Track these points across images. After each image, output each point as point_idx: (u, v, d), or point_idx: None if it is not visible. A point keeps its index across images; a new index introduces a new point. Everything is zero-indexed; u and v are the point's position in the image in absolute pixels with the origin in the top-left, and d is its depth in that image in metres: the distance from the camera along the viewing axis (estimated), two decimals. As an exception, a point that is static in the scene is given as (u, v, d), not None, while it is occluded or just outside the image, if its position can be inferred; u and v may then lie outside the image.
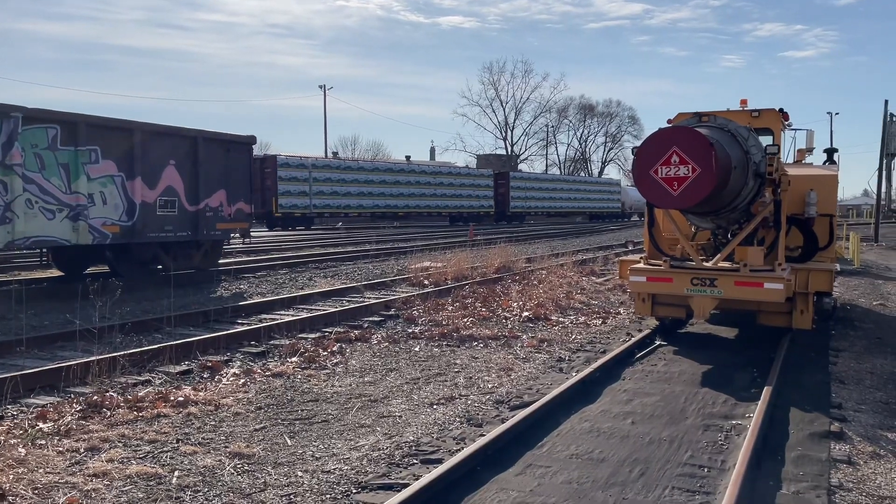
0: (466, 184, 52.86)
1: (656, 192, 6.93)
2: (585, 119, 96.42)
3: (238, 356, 8.32)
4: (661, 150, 6.79)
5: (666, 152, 6.74)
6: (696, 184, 6.63)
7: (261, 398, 6.66)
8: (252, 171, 16.07)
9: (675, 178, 6.72)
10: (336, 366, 8.02)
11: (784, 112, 10.94)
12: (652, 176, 6.87)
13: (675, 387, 7.01)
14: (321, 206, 41.05)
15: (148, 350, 7.80)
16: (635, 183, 7.07)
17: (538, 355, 8.59)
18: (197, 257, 15.14)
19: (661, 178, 6.81)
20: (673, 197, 6.86)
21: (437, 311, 11.52)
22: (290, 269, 17.79)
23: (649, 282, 8.44)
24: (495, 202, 54.59)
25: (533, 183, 59.27)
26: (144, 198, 13.36)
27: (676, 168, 6.69)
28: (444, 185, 50.69)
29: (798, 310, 8.58)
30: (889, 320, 11.39)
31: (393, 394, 6.87)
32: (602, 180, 76.09)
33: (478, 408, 6.33)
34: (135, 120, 13.36)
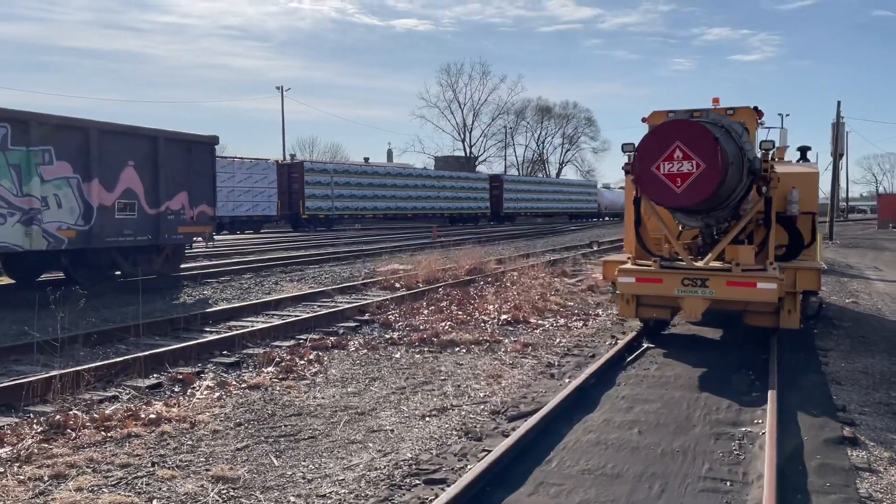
0: (466, 187, 56.20)
1: (659, 189, 6.68)
2: (543, 121, 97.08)
3: (210, 367, 7.83)
4: (663, 146, 6.54)
5: (668, 147, 6.50)
6: (701, 180, 6.40)
7: (239, 413, 6.21)
8: (215, 171, 15.45)
9: (679, 174, 6.48)
10: (315, 375, 7.59)
11: (758, 110, 10.86)
12: (654, 172, 6.62)
13: (673, 392, 6.77)
14: (342, 208, 44.33)
15: (114, 363, 7.25)
16: (636, 180, 6.80)
17: (525, 360, 8.29)
18: (158, 262, 14.48)
19: (664, 174, 6.57)
20: (676, 194, 6.62)
21: (412, 315, 11.15)
22: (255, 273, 17.21)
23: (639, 283, 8.21)
24: (490, 204, 57.98)
25: (523, 185, 63.27)
26: (102, 201, 12.69)
27: (680, 164, 6.46)
28: (447, 188, 54.22)
29: (786, 309, 8.43)
30: (866, 318, 11.40)
31: (380, 405, 6.49)
32: (581, 182, 78.36)
33: (474, 419, 5.99)
34: (91, 119, 12.68)
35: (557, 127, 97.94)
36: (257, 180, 39.61)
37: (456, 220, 54.94)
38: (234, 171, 38.32)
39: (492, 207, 58.10)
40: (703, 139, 6.41)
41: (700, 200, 6.62)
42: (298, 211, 41.64)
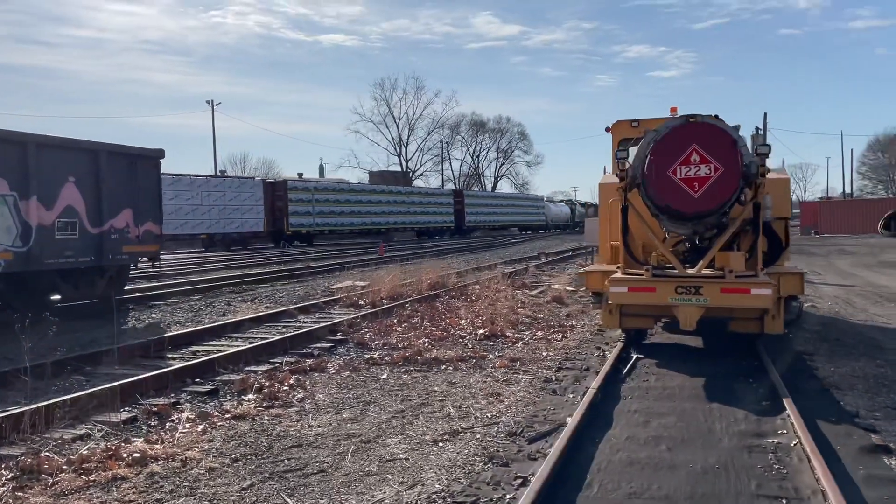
0: (433, 202, 58.85)
1: (675, 194, 6.49)
2: (477, 135, 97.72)
3: (185, 397, 7.21)
4: (679, 149, 6.37)
5: (685, 151, 6.32)
6: (720, 184, 6.25)
7: (232, 447, 5.67)
8: (160, 187, 14.60)
9: (696, 178, 6.31)
10: (303, 402, 7.08)
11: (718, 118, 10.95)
12: (670, 177, 6.42)
13: (682, 404, 6.58)
14: (322, 224, 45.91)
15: (77, 397, 6.55)
16: (651, 185, 6.57)
17: (518, 377, 7.98)
18: (101, 285, 13.53)
19: (681, 178, 6.38)
20: (694, 199, 6.44)
21: (386, 333, 10.71)
22: (204, 294, 16.37)
23: (631, 292, 8.03)
24: (455, 218, 60.72)
25: (482, 200, 67.08)
26: (41, 220, 11.75)
27: (697, 167, 6.29)
28: (416, 203, 56.63)
29: (770, 315, 8.40)
30: (830, 321, 11.58)
31: (384, 431, 6.05)
32: (531, 196, 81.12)
33: (491, 442, 5.62)
34: (28, 132, 11.76)
35: (492, 141, 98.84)
36: (245, 198, 40.85)
37: (423, 234, 56.99)
38: (224, 190, 39.63)
39: (456, 221, 60.74)
40: (720, 142, 6.27)
41: (718, 205, 6.48)
42: (282, 227, 42.93)
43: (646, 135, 8.01)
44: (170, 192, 35.02)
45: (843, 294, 15.42)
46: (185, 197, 37.18)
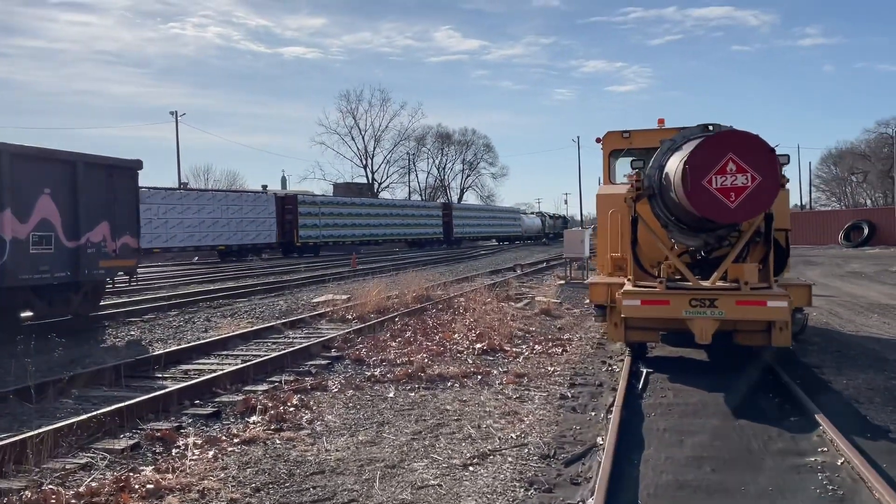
0: (424, 214, 61.92)
1: (710, 204, 6.34)
2: (443, 147, 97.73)
3: (187, 420, 6.81)
4: (715, 158, 6.22)
5: (721, 160, 6.17)
6: (758, 194, 6.11)
7: (249, 475, 5.32)
8: (138, 199, 14.09)
9: (732, 188, 6.17)
10: (312, 423, 6.74)
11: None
12: (705, 187, 6.26)
13: (710, 421, 6.42)
14: (327, 236, 48.71)
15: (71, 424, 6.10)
16: (686, 196, 6.40)
17: (531, 393, 7.76)
18: (76, 301, 12.95)
19: (716, 188, 6.24)
20: (730, 209, 6.30)
21: (382, 349, 10.39)
22: (181, 309, 15.82)
23: (644, 305, 7.88)
24: (443, 229, 63.47)
25: (467, 213, 70.05)
26: (15, 233, 11.18)
27: (733, 177, 6.15)
28: (410, 216, 59.51)
29: (777, 327, 8.32)
30: (825, 332, 11.61)
31: (407, 455, 5.76)
32: (508, 209, 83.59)
33: (526, 466, 5.37)
34: (2, 141, 11.20)
35: (458, 153, 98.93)
36: (260, 212, 43.49)
37: (415, 244, 59.52)
38: (241, 204, 42.35)
39: (444, 232, 63.51)
40: (758, 150, 6.16)
41: (754, 216, 6.36)
42: (293, 239, 45.39)
43: (662, 143, 7.91)
44: (194, 205, 39.17)
45: (826, 305, 15.55)
46: (207, 210, 39.81)
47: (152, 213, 36.37)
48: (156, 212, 37.15)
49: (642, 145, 11.53)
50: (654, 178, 7.89)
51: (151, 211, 36.16)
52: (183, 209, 38.82)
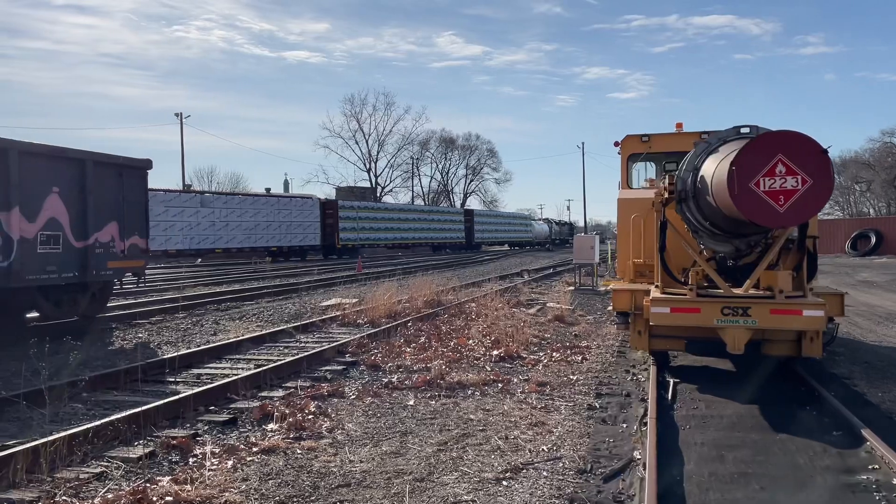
0: (448, 220, 66.25)
1: (758, 208, 6.08)
2: (447, 152, 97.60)
3: (202, 427, 6.56)
4: (763, 159, 5.96)
5: (769, 161, 5.92)
6: (808, 197, 5.86)
7: (272, 488, 5.07)
8: (147, 199, 13.86)
9: (782, 191, 5.92)
10: (333, 432, 6.49)
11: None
12: (753, 189, 6.01)
13: (750, 435, 6.16)
14: (364, 239, 52.21)
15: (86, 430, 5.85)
16: (732, 199, 6.13)
17: (556, 403, 7.50)
18: (83, 303, 12.71)
19: (765, 191, 5.98)
20: (779, 213, 6.04)
21: (398, 354, 10.15)
22: (188, 312, 15.58)
23: (673, 313, 7.62)
24: (465, 234, 67.43)
25: (486, 219, 73.71)
26: (23, 233, 10.94)
27: (783, 179, 5.90)
28: (435, 221, 63.61)
29: (808, 337, 8.06)
30: (847, 342, 11.36)
31: (435, 468, 5.50)
32: (521, 216, 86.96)
33: (563, 482, 5.11)
34: (10, 138, 10.98)
35: (461, 158, 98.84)
36: (306, 216, 46.86)
37: (439, 248, 62.95)
38: (290, 209, 45.66)
39: (466, 237, 67.38)
40: (809, 151, 5.91)
41: (805, 220, 6.11)
42: (334, 242, 48.76)
43: (696, 146, 7.67)
44: (251, 209, 42.58)
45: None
46: (262, 214, 43.25)
47: (214, 216, 40.19)
48: (218, 215, 40.47)
49: (661, 149, 11.30)
50: (687, 181, 7.65)
51: (214, 214, 40.17)
52: (241, 213, 42.02)
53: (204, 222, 39.83)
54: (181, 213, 38.51)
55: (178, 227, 38.31)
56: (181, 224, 38.47)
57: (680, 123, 11.43)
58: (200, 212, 39.72)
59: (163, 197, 37.81)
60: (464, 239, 66.90)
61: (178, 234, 38.36)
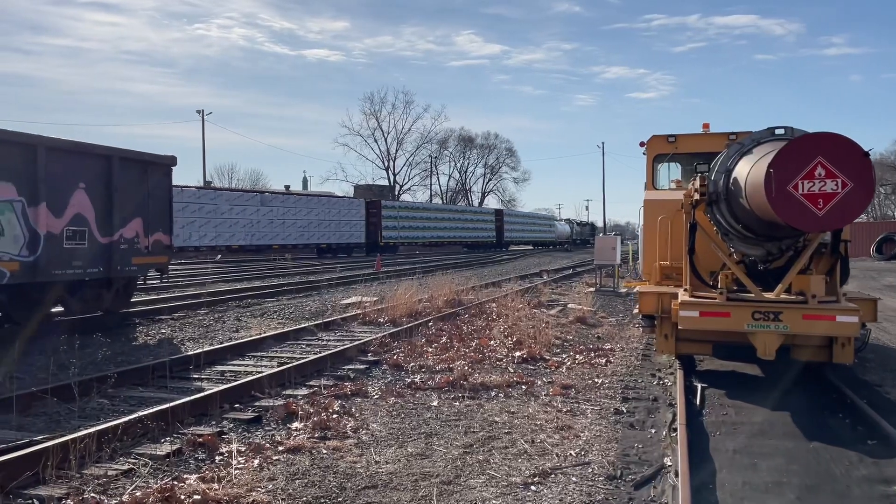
0: (480, 220, 69.14)
1: (796, 211, 5.96)
2: (465, 151, 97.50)
3: (227, 425, 6.55)
4: (802, 162, 5.85)
5: (808, 164, 5.81)
6: (849, 201, 5.74)
7: (299, 488, 5.04)
8: (171, 195, 13.93)
9: (821, 194, 5.80)
10: (357, 432, 6.46)
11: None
12: (791, 192, 5.89)
13: (782, 443, 6.05)
14: (404, 237, 55.62)
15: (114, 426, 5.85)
16: (769, 201, 6.02)
17: (582, 407, 7.42)
18: (108, 298, 12.79)
19: (803, 194, 5.87)
20: (818, 217, 5.92)
21: (420, 354, 10.11)
22: (210, 308, 15.66)
23: (703, 317, 7.51)
24: (496, 234, 70.05)
25: (514, 219, 76.12)
26: (49, 228, 11.02)
27: (822, 182, 5.78)
28: (468, 220, 66.61)
29: (839, 343, 7.90)
30: (876, 347, 11.16)
31: (462, 471, 5.45)
32: (546, 216, 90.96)
33: (592, 488, 5.04)
34: (39, 134, 11.06)
35: (480, 157, 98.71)
36: (353, 215, 50.53)
37: (471, 247, 65.30)
38: (339, 208, 49.48)
39: (496, 236, 70.03)
40: (850, 154, 5.78)
41: (844, 224, 5.99)
42: (377, 239, 51.74)
43: (729, 147, 7.55)
44: (304, 208, 45.75)
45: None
46: (314, 213, 46.46)
47: (273, 214, 43.06)
48: (276, 213, 43.31)
49: (688, 150, 11.16)
50: (719, 183, 7.53)
51: (273, 212, 43.08)
52: (296, 211, 44.95)
53: (263, 220, 42.54)
54: (244, 211, 41.17)
55: (241, 224, 40.91)
56: (244, 221, 41.09)
57: (707, 124, 11.28)
58: (260, 210, 42.47)
59: (228, 196, 41.41)
60: (494, 238, 69.26)
61: (241, 230, 40.94)
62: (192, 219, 37.50)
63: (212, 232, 39.10)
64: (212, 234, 39.14)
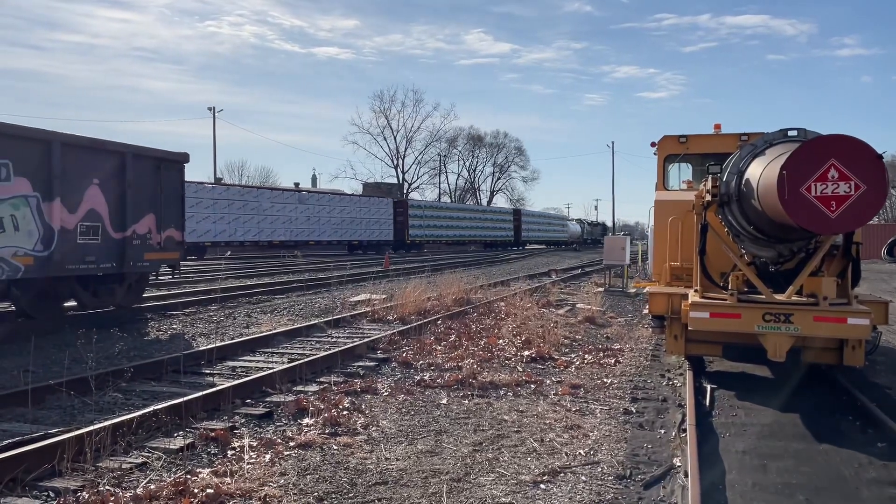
0: (499, 219, 71.09)
1: (808, 214, 5.96)
2: (474, 149, 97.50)
3: (239, 420, 6.62)
4: (815, 164, 5.85)
5: (822, 166, 5.81)
6: (861, 204, 5.74)
7: (310, 483, 5.09)
8: (184, 191, 14.02)
9: (834, 196, 5.80)
10: (367, 428, 6.51)
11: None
12: (803, 195, 5.90)
13: (792, 444, 6.05)
14: (428, 235, 58.27)
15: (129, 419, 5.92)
16: (782, 203, 6.02)
17: (591, 406, 7.44)
18: (120, 293, 12.91)
19: (816, 196, 5.87)
20: (830, 220, 5.93)
21: (429, 352, 10.15)
22: (220, 304, 15.75)
23: (713, 318, 7.51)
24: (513, 233, 72.18)
25: (531, 218, 78.46)
26: (64, 223, 11.14)
27: (835, 185, 5.78)
28: (488, 220, 68.84)
29: (850, 346, 7.88)
30: (887, 350, 11.13)
31: (471, 468, 5.48)
32: (559, 216, 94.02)
33: (602, 487, 5.07)
34: (54, 130, 11.18)
35: (489, 156, 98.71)
36: (382, 214, 53.43)
37: (490, 246, 67.41)
38: (370, 207, 52.43)
39: (514, 236, 72.20)
40: (863, 156, 5.78)
41: (857, 227, 6.00)
42: (403, 237, 54.71)
43: (741, 148, 7.55)
44: (338, 207, 48.64)
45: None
46: (346, 211, 49.38)
47: (310, 212, 45.72)
48: (312, 211, 46.01)
49: (699, 151, 11.15)
50: (731, 184, 7.53)
51: (310, 210, 45.73)
52: (330, 209, 47.73)
53: (301, 217, 45.08)
54: (283, 209, 43.65)
55: (280, 221, 43.29)
56: (283, 218, 43.55)
57: (718, 124, 11.26)
58: (298, 208, 45.06)
59: (269, 194, 44.12)
60: (512, 237, 71.54)
61: (281, 227, 43.34)
62: (237, 215, 39.82)
63: (255, 228, 41.26)
64: (255, 230, 41.27)
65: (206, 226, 37.43)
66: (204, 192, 37.96)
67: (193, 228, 34.51)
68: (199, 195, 36.77)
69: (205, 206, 37.24)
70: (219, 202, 38.46)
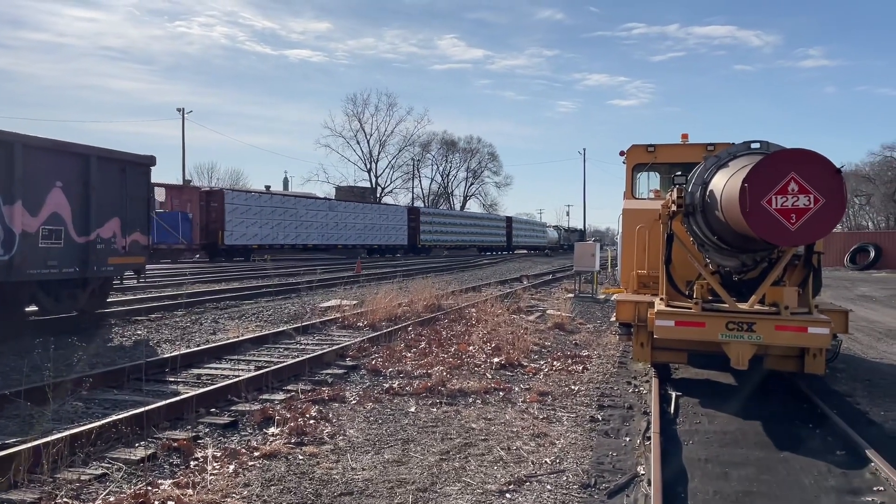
0: (493, 226, 75.60)
1: (769, 226, 6.06)
2: (448, 154, 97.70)
3: (203, 430, 6.53)
4: (776, 177, 5.95)
5: (782, 179, 5.91)
6: (820, 217, 5.85)
7: (274, 494, 5.03)
8: (150, 195, 13.82)
9: (794, 209, 5.91)
10: (334, 438, 6.47)
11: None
12: (764, 207, 5.99)
13: (753, 452, 6.14)
14: (436, 240, 63.10)
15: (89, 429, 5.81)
16: (743, 215, 6.11)
17: (558, 414, 7.47)
18: (83, 298, 12.66)
19: (776, 209, 5.97)
20: (790, 232, 6.03)
21: (398, 359, 10.11)
22: (187, 310, 15.53)
23: (678, 326, 7.59)
24: (506, 238, 76.91)
25: (520, 224, 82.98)
26: (25, 226, 10.90)
27: (795, 198, 5.88)
28: (486, 227, 73.58)
29: (811, 354, 8.04)
30: (848, 358, 11.33)
31: (437, 478, 5.47)
32: (541, 223, 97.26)
33: (567, 496, 5.09)
34: (15, 131, 10.94)
35: (462, 161, 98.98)
36: (396, 220, 57.93)
37: (485, 251, 71.67)
38: (386, 213, 57.21)
39: (507, 241, 76.84)
40: (822, 171, 5.89)
41: (816, 239, 6.10)
42: (415, 242, 59.59)
43: (706, 160, 7.66)
44: (362, 213, 53.10)
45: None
46: (369, 217, 53.82)
47: (338, 218, 50.25)
48: (339, 217, 50.34)
49: (667, 160, 11.30)
50: (695, 195, 7.64)
51: (338, 216, 50.29)
52: (355, 216, 51.78)
53: (330, 223, 49.54)
54: (316, 215, 48.09)
55: (314, 226, 47.70)
56: (316, 224, 47.93)
57: (685, 134, 11.41)
58: (329, 214, 49.56)
59: (305, 202, 49.09)
60: (505, 242, 76.53)
61: (314, 231, 47.75)
62: (279, 220, 44.22)
63: (293, 233, 45.68)
64: (293, 234, 45.71)
65: (255, 230, 42.17)
66: (252, 199, 43.24)
67: (244, 233, 40.93)
68: (249, 203, 42.13)
69: (253, 213, 41.95)
70: (264, 209, 43.15)
